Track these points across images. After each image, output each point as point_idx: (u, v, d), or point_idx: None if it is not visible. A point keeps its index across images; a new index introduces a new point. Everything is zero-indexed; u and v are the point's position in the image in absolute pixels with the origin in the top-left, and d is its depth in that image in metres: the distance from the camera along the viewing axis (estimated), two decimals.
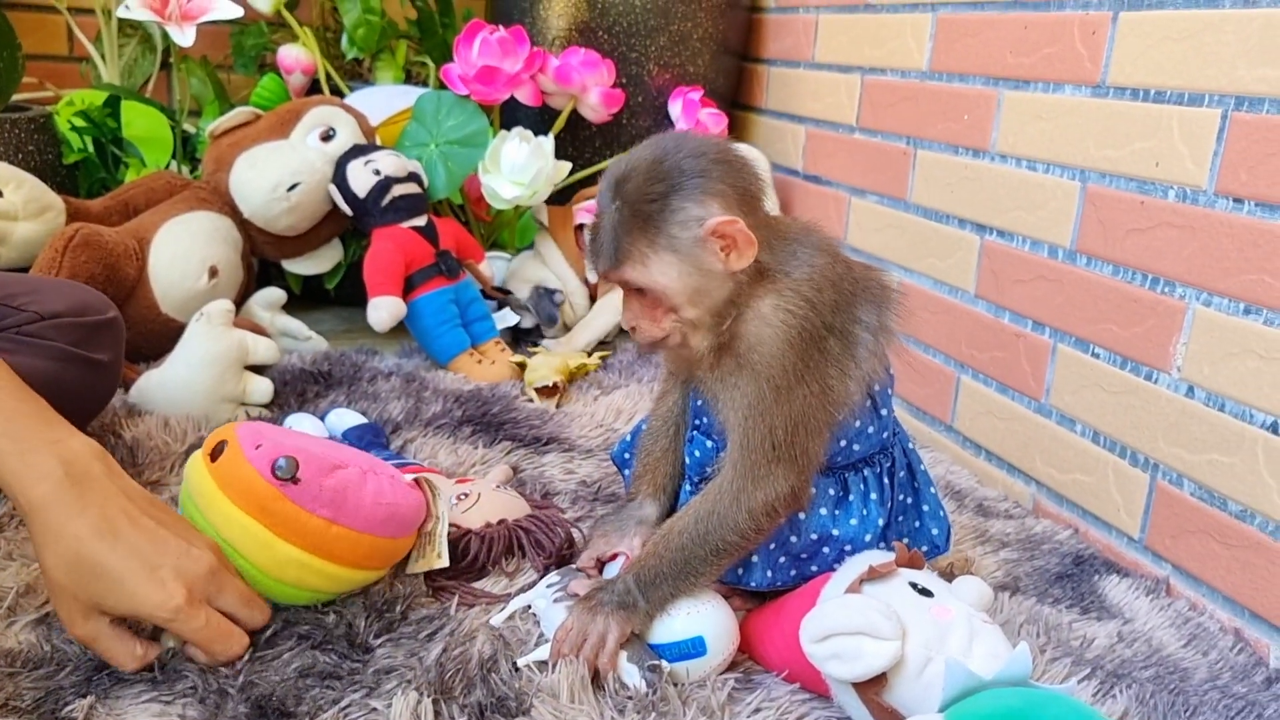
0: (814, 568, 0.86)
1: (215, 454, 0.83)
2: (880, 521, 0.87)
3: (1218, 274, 0.99)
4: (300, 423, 1.23)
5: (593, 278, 1.63)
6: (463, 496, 1.01)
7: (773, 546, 0.85)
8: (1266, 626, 0.94)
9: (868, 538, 0.86)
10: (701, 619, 0.82)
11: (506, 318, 1.63)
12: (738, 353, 0.81)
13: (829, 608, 0.75)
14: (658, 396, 0.99)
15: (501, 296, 1.64)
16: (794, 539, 0.85)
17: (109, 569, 0.74)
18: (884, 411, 0.88)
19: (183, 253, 1.41)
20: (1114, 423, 1.11)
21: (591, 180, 1.78)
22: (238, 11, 1.56)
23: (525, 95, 1.64)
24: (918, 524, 0.93)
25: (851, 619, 0.73)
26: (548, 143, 1.58)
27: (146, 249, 1.40)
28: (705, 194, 0.79)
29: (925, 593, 0.78)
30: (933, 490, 0.94)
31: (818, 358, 0.80)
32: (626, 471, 1.02)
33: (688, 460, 0.91)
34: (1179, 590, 1.04)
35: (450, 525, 0.98)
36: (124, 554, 0.74)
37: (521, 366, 1.49)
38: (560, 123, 1.68)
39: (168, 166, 1.72)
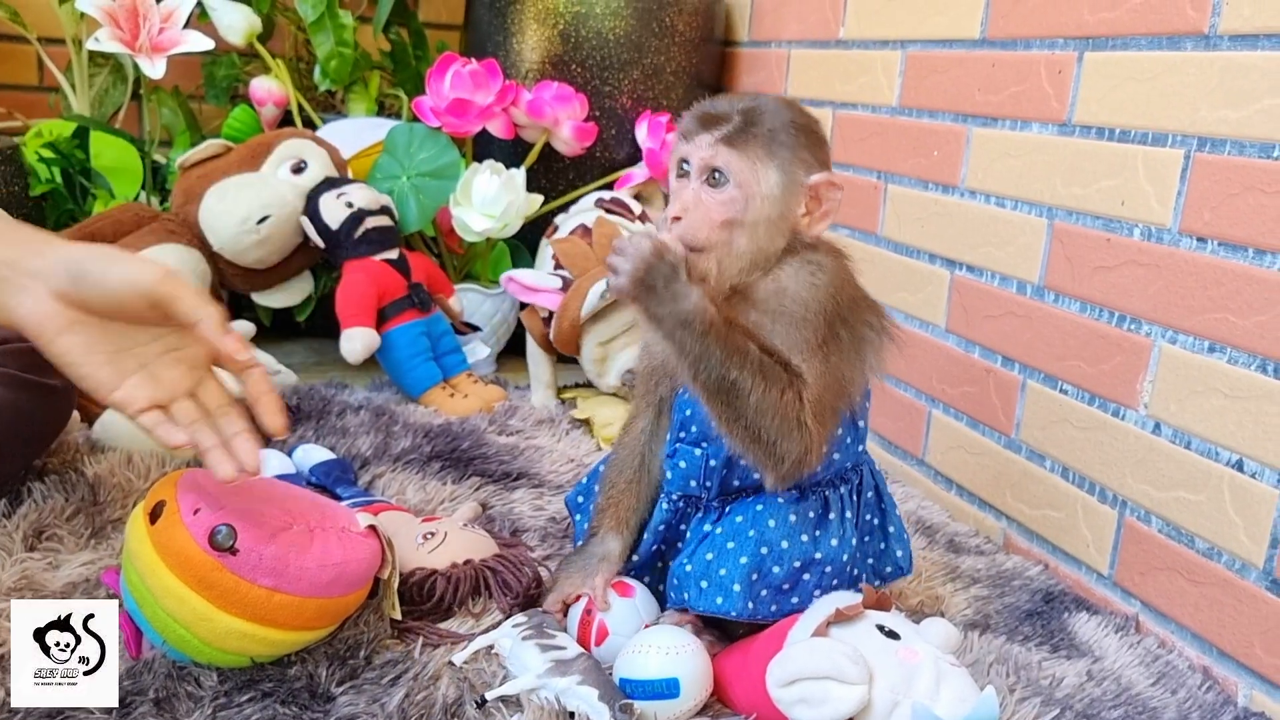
0: (794, 599, 0.85)
1: (155, 514, 0.81)
2: (853, 541, 0.88)
3: (1183, 312, 0.99)
4: (267, 459, 1.21)
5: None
6: (429, 536, 1.00)
7: (755, 577, 0.84)
8: (1234, 665, 0.94)
9: (845, 558, 0.86)
10: (679, 662, 0.81)
11: (477, 351, 1.63)
12: (769, 307, 0.81)
13: (795, 651, 0.75)
14: (627, 422, 0.98)
15: (470, 331, 1.63)
16: (776, 569, 0.84)
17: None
18: (861, 423, 0.89)
19: None
20: (1083, 459, 1.11)
21: (563, 210, 1.77)
22: (208, 44, 1.55)
23: (497, 128, 1.64)
24: (883, 545, 0.93)
25: (818, 663, 0.73)
26: (519, 175, 1.58)
27: None
28: (823, 158, 0.83)
29: (892, 635, 0.77)
30: (897, 512, 0.95)
31: (835, 340, 0.81)
32: (578, 517, 1.01)
33: (670, 474, 0.90)
34: (1148, 627, 1.04)
35: (416, 566, 0.97)
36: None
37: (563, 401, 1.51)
38: (533, 156, 1.68)
39: (137, 197, 1.70)
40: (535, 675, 0.82)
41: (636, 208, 1.61)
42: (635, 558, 0.94)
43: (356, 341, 1.44)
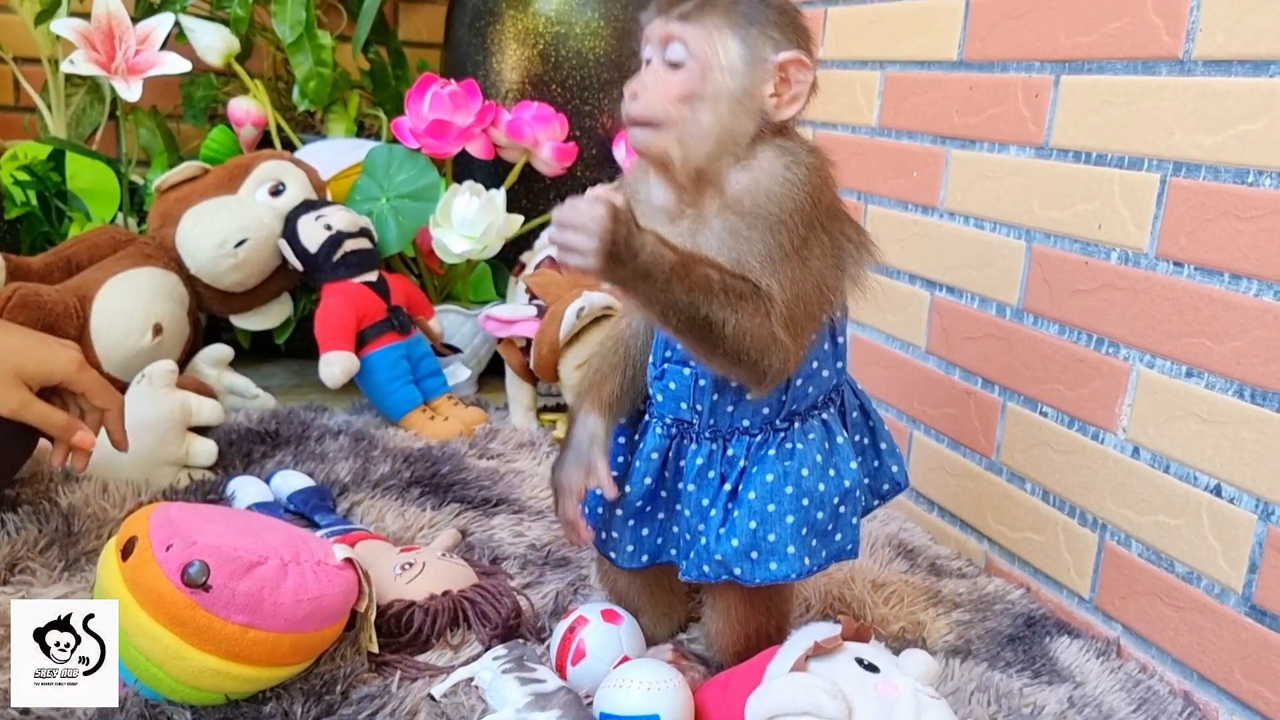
0: (838, 536, 0.84)
1: (127, 550, 0.80)
2: (859, 457, 0.88)
3: (1160, 336, 0.99)
4: (244, 486, 1.21)
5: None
6: (407, 566, 0.99)
7: (804, 531, 0.82)
8: (1215, 690, 0.94)
9: (862, 475, 0.87)
10: (661, 697, 0.81)
11: (458, 373, 1.62)
12: (743, 206, 0.78)
13: (774, 687, 0.74)
14: (614, 320, 0.94)
15: (451, 353, 1.62)
16: (820, 515, 0.83)
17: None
18: (840, 339, 0.88)
19: (126, 311, 1.39)
20: (1063, 482, 1.11)
21: (545, 230, 1.77)
22: (185, 66, 1.55)
23: (477, 149, 1.63)
24: (877, 463, 0.92)
25: (796, 699, 0.72)
26: (499, 196, 1.57)
27: (88, 307, 1.37)
28: (798, 39, 0.79)
29: (871, 668, 0.77)
30: (886, 429, 0.94)
31: (813, 243, 0.78)
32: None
33: (659, 397, 0.87)
34: (1129, 652, 1.03)
35: (394, 597, 0.96)
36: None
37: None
38: (513, 176, 1.68)
39: (114, 219, 1.69)
40: (514, 709, 0.82)
41: None
42: (629, 489, 0.88)
43: (335, 366, 1.43)
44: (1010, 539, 1.19)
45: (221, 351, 1.50)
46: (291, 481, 1.23)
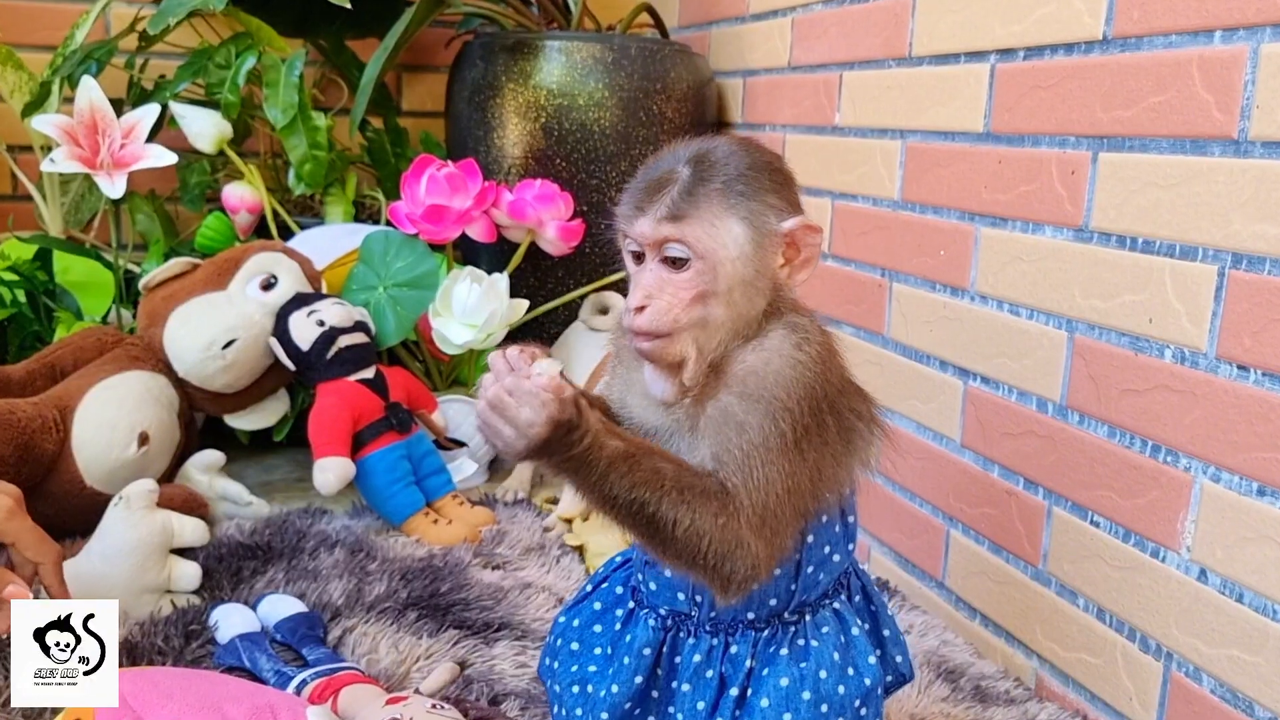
0: None
1: None
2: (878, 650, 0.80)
3: (1225, 448, 0.89)
4: (228, 616, 1.12)
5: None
6: None
7: None
8: None
9: (880, 670, 0.78)
10: None
11: (464, 468, 1.53)
12: (746, 387, 0.70)
13: None
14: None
15: (456, 447, 1.53)
16: None
17: None
18: (851, 519, 0.79)
19: (109, 420, 1.31)
20: (1120, 601, 1.00)
21: (553, 312, 1.69)
22: (172, 159, 1.48)
23: (477, 231, 1.55)
24: (880, 652, 0.82)
25: None
26: (501, 281, 1.49)
27: (70, 418, 1.30)
28: (792, 199, 0.73)
29: None
30: (890, 613, 0.84)
31: (821, 426, 0.70)
32: (552, 686, 0.84)
33: (653, 585, 0.78)
34: None
35: None
36: None
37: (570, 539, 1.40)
38: (517, 259, 1.60)
39: (109, 312, 1.63)
40: None
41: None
42: (616, 689, 0.78)
43: (330, 473, 1.35)
44: (1063, 659, 1.08)
45: (213, 457, 1.42)
46: (280, 607, 1.15)
